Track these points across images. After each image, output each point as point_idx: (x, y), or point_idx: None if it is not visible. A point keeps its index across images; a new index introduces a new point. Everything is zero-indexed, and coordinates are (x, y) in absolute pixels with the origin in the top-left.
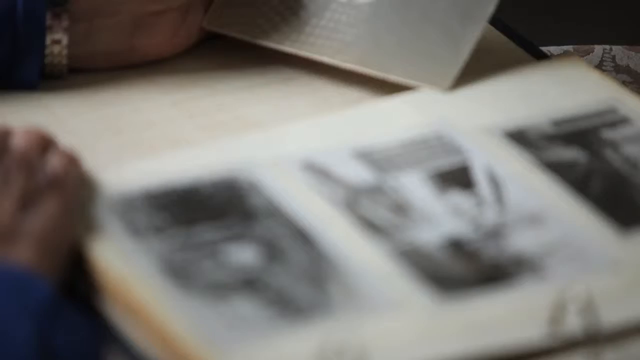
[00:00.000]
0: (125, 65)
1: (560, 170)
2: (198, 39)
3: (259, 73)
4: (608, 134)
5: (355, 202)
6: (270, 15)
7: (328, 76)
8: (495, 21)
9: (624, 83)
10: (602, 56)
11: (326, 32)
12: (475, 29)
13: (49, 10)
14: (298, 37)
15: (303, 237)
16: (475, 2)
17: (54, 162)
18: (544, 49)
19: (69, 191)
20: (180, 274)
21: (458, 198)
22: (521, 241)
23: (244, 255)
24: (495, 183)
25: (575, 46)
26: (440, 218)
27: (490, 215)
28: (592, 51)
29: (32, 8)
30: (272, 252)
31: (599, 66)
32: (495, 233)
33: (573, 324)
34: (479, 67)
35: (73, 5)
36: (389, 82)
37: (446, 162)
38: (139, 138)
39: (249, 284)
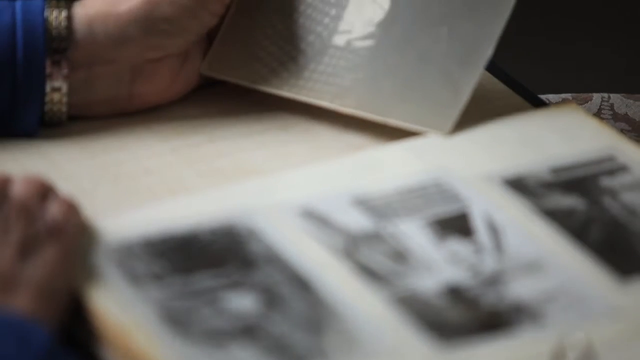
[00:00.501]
0: (124, 112)
1: (559, 218)
2: (196, 85)
3: (258, 119)
4: (607, 182)
5: (353, 249)
6: (268, 61)
7: (327, 122)
8: (495, 69)
9: (622, 131)
10: (601, 104)
11: (324, 77)
12: (474, 71)
13: (49, 58)
14: (296, 82)
15: (302, 284)
16: (474, 45)
17: (53, 210)
18: (543, 97)
19: (68, 239)
20: (179, 321)
21: (457, 245)
22: (520, 288)
23: (242, 302)
24: (494, 230)
25: (574, 94)
26: (439, 265)
27: (489, 263)
28: (591, 99)
29: (32, 56)
30: (271, 299)
31: (598, 114)
32: (494, 280)
33: None
34: (478, 114)
35: (73, 53)
36: (388, 126)
37: (445, 209)
38: (138, 185)
39: (247, 331)
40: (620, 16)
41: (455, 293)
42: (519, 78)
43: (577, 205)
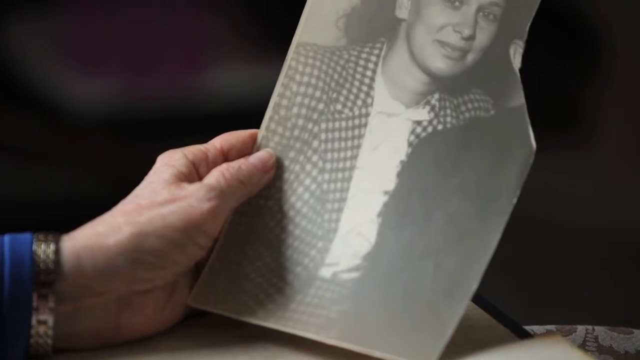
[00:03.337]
0: (110, 343)
1: None
2: (183, 316)
3: (244, 350)
4: None
5: None
6: (254, 293)
7: (313, 352)
8: (479, 299)
9: None
10: (585, 336)
11: (310, 309)
12: (459, 306)
13: (36, 291)
14: (283, 314)
15: None
16: (459, 280)
17: None
18: (527, 327)
19: None
20: None
21: None
22: None
23: None
24: None
25: (558, 326)
26: None
27: None
28: (575, 331)
29: (18, 289)
30: None
31: (582, 346)
32: None
33: None
34: (463, 344)
35: (60, 286)
36: (374, 358)
37: None
38: None
39: None
40: (604, 239)
41: None
42: (503, 308)
43: None
